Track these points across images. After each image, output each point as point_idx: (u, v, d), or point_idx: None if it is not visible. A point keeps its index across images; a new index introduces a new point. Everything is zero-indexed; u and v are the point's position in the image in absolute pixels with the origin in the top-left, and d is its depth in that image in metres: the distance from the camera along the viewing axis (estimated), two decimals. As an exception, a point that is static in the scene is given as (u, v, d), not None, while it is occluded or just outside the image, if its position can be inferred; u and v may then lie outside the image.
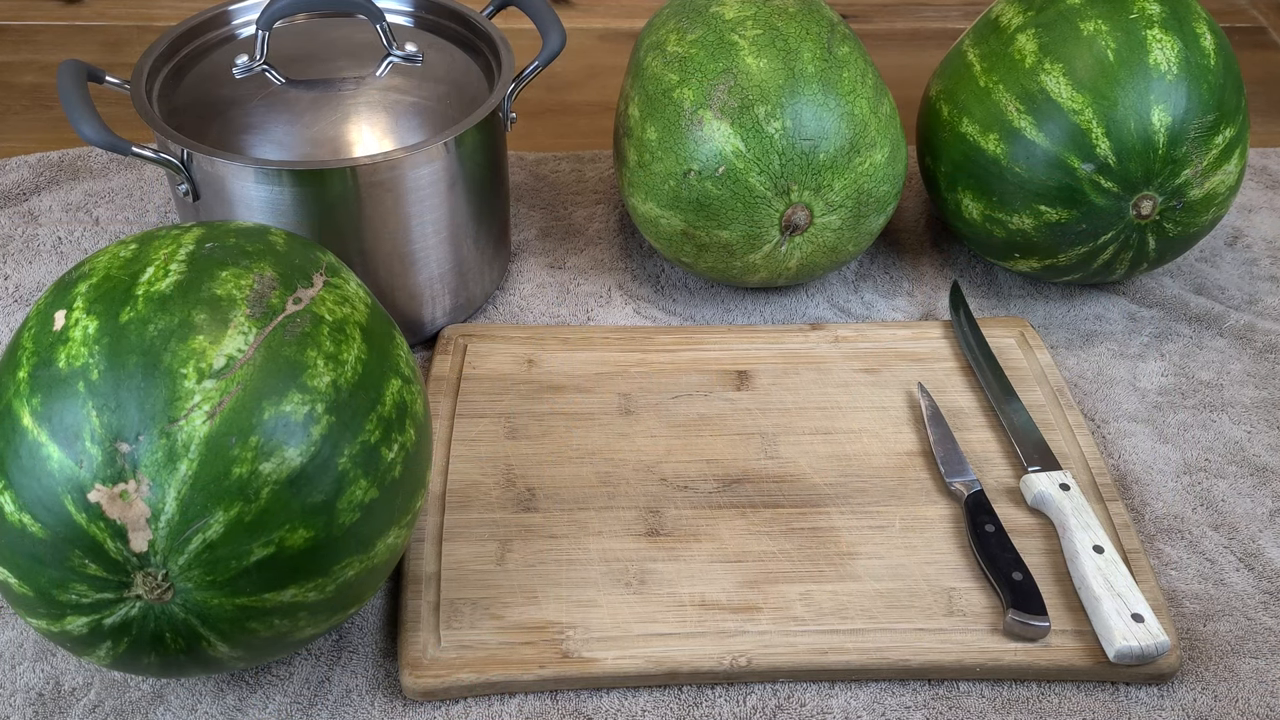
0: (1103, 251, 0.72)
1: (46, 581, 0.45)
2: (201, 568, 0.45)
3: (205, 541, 0.45)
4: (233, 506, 0.45)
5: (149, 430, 0.44)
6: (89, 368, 0.45)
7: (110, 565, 0.44)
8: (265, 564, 0.46)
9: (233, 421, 0.45)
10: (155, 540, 0.44)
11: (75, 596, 0.45)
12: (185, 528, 0.44)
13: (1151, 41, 0.69)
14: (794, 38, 0.71)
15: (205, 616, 0.46)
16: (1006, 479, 0.65)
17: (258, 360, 0.46)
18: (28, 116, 0.95)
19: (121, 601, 0.45)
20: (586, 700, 0.55)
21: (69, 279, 0.50)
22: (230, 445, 0.45)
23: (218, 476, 0.44)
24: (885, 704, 0.55)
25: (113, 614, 0.46)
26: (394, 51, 0.73)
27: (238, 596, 0.46)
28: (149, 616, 0.46)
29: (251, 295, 0.48)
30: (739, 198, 0.70)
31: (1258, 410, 0.71)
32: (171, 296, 0.47)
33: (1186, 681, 0.56)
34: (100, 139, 0.63)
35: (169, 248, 0.50)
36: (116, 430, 0.44)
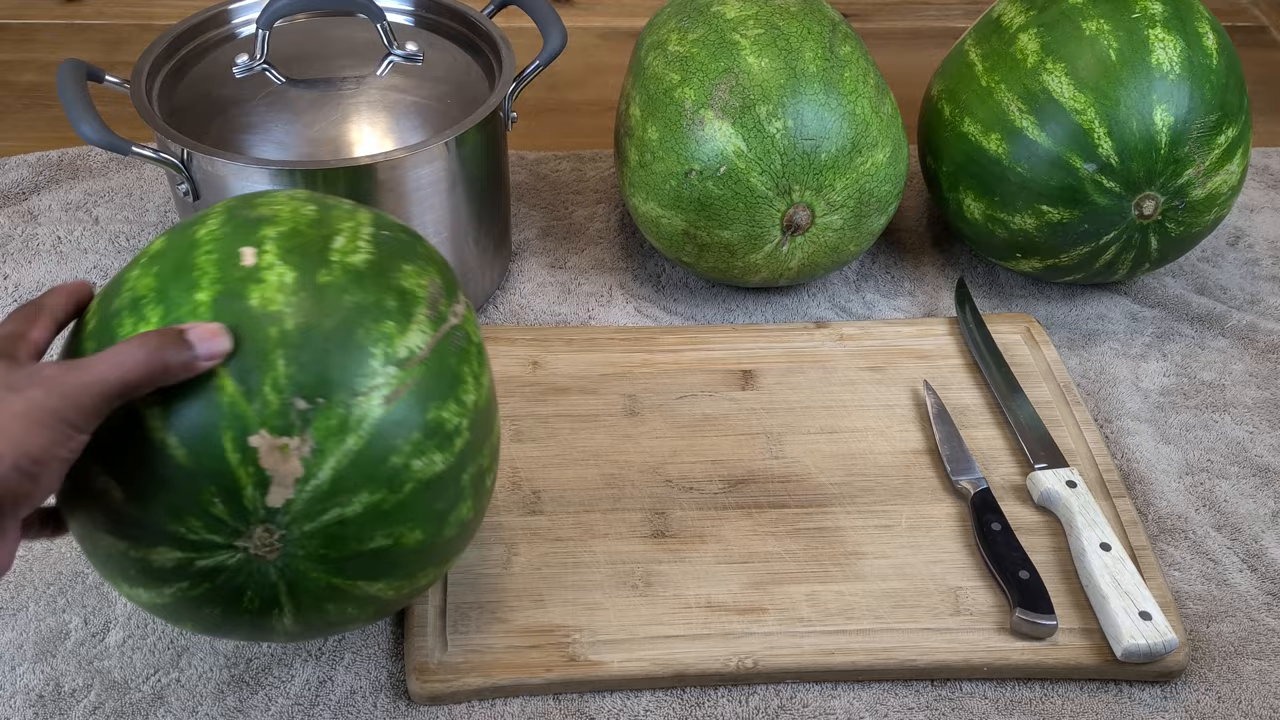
0: (1105, 251, 0.72)
1: (161, 506, 0.44)
2: (323, 540, 0.45)
3: (339, 517, 0.44)
4: (377, 492, 0.45)
5: (331, 396, 0.44)
6: (283, 316, 0.44)
7: (237, 511, 0.44)
8: (377, 554, 0.46)
9: (404, 413, 0.45)
10: (294, 501, 0.44)
11: (184, 530, 0.44)
12: (330, 499, 0.44)
13: (1154, 41, 0.69)
14: (795, 37, 0.71)
15: (295, 585, 0.46)
16: (1013, 476, 0.65)
17: (430, 362, 0.47)
18: (27, 115, 0.94)
19: (226, 549, 0.44)
20: (589, 701, 0.55)
21: (246, 216, 0.49)
22: (396, 434, 0.45)
23: (376, 460, 0.44)
24: (888, 704, 0.55)
25: (210, 558, 0.45)
26: (394, 51, 0.73)
27: (336, 576, 0.46)
28: (243, 570, 0.45)
29: (429, 297, 0.49)
30: (740, 197, 0.70)
31: (1260, 410, 0.71)
32: (365, 274, 0.47)
33: (1190, 683, 0.56)
34: (100, 138, 0.63)
35: (349, 222, 0.50)
36: (299, 385, 0.43)
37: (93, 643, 0.57)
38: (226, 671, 0.56)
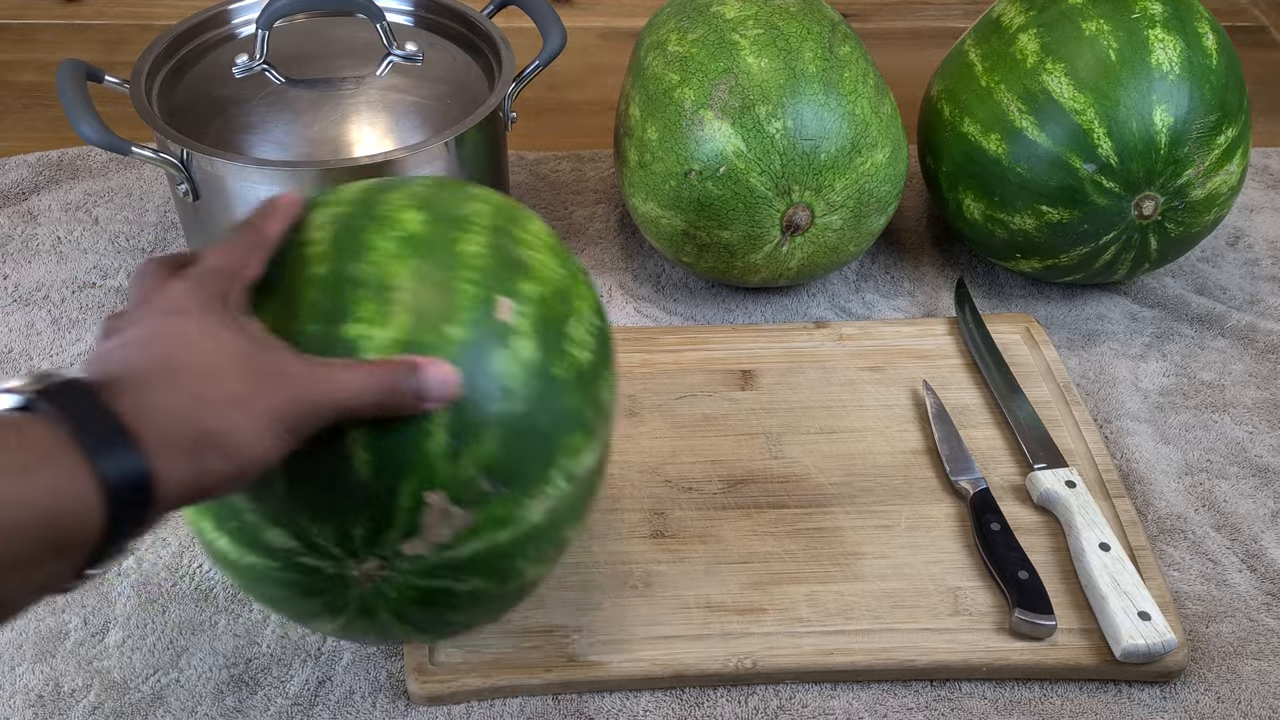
0: (1104, 252, 0.72)
1: (310, 501, 0.43)
2: (417, 596, 0.45)
3: (447, 589, 0.45)
4: (490, 583, 0.46)
5: (512, 488, 0.44)
6: (514, 396, 0.44)
7: (371, 542, 0.43)
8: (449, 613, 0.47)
9: (550, 525, 0.46)
10: (424, 559, 0.44)
11: (314, 531, 0.43)
12: (453, 572, 0.45)
13: (1153, 41, 0.69)
14: (795, 37, 0.71)
15: (365, 609, 0.46)
16: (1012, 476, 0.65)
17: (584, 483, 0.48)
18: (27, 116, 0.94)
19: (336, 561, 0.44)
20: (588, 701, 0.55)
21: (509, 253, 0.47)
22: (537, 542, 0.46)
23: (509, 557, 0.45)
24: (887, 704, 0.55)
25: (316, 560, 0.44)
26: (394, 51, 0.73)
27: (400, 620, 0.47)
28: (334, 581, 0.45)
29: (611, 414, 0.50)
30: (740, 198, 0.70)
31: (1259, 411, 0.71)
32: (584, 377, 0.47)
33: (1189, 683, 0.56)
34: (100, 138, 0.63)
35: (581, 301, 0.49)
36: (494, 467, 0.43)
37: (92, 643, 0.57)
38: (226, 672, 0.56)
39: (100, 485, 0.34)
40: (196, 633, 0.57)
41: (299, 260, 0.45)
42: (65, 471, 0.33)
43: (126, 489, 0.35)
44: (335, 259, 0.44)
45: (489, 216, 0.48)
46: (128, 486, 0.35)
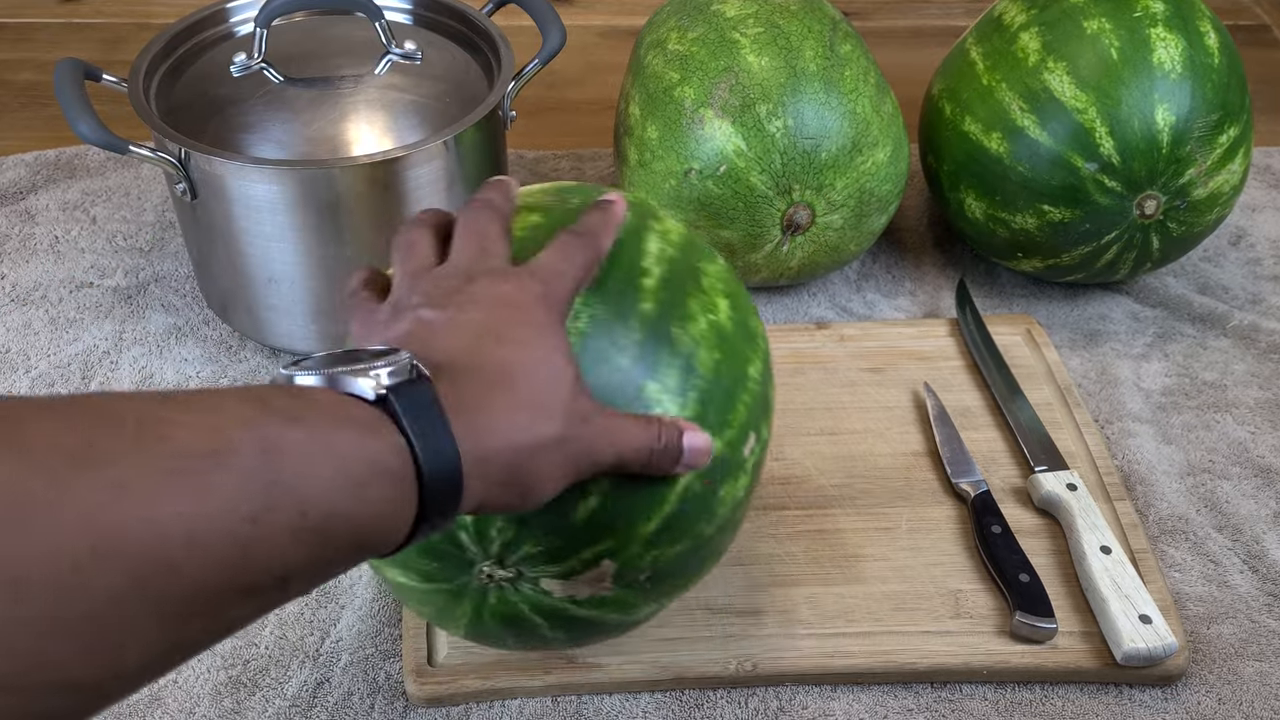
0: (1106, 251, 0.72)
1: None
2: (531, 601, 0.47)
3: (559, 606, 0.47)
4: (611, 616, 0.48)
5: (660, 585, 0.47)
6: (727, 521, 0.48)
7: (530, 563, 0.45)
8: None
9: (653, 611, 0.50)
10: (552, 595, 0.46)
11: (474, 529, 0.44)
12: (575, 607, 0.47)
13: (1155, 40, 0.69)
14: (796, 36, 0.70)
15: (477, 606, 0.47)
16: (1013, 479, 0.65)
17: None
18: (24, 115, 0.94)
19: (476, 560, 0.45)
20: (588, 703, 0.55)
21: (766, 396, 0.49)
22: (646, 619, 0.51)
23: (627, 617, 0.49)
24: (888, 706, 0.55)
25: (457, 559, 0.45)
26: (393, 49, 0.73)
27: (505, 623, 0.48)
28: (463, 571, 0.46)
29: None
30: (740, 197, 0.69)
31: (1262, 411, 0.71)
32: (750, 490, 0.49)
33: (1190, 684, 0.56)
34: (97, 138, 0.63)
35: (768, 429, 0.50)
36: (660, 559, 0.46)
37: (90, 644, 0.57)
38: (224, 673, 0.56)
39: (419, 498, 0.34)
40: (194, 634, 0.57)
41: (630, 285, 0.45)
42: (399, 486, 0.33)
43: (438, 502, 0.35)
44: (661, 308, 0.46)
45: (764, 341, 0.51)
46: (439, 500, 0.35)
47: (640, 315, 0.45)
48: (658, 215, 0.50)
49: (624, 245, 0.46)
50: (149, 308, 0.76)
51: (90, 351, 0.73)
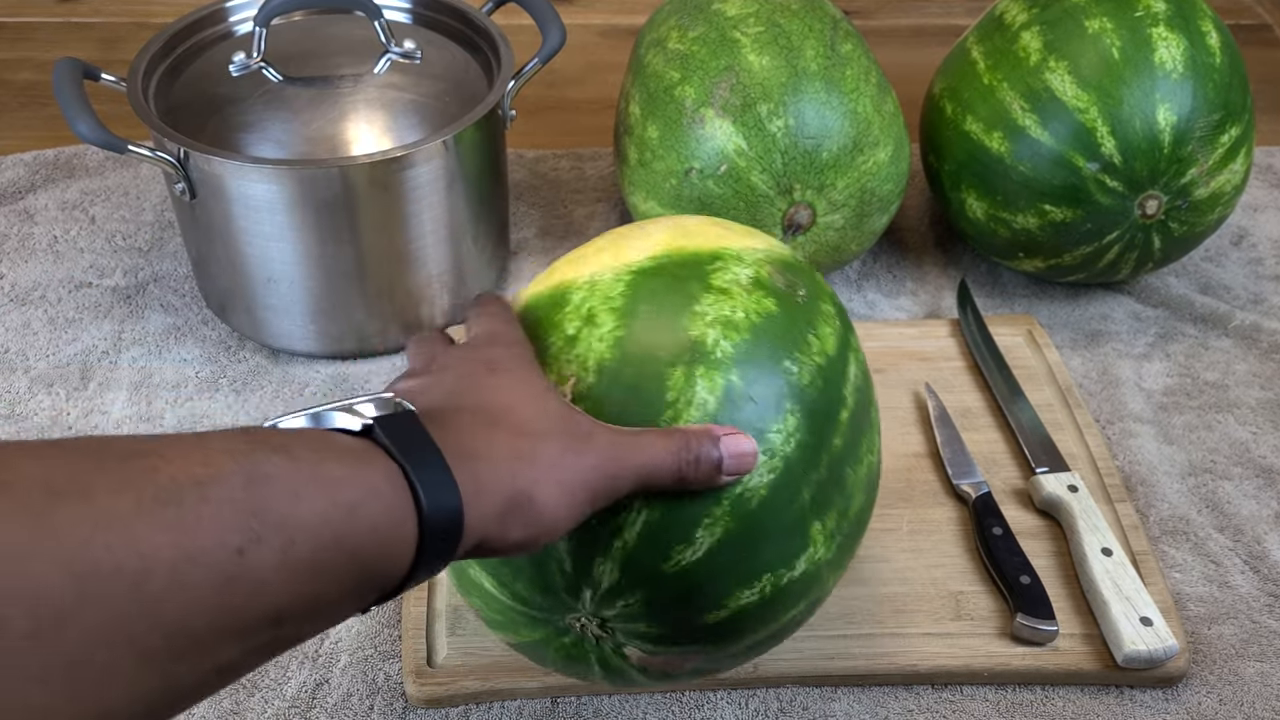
0: (1108, 251, 0.72)
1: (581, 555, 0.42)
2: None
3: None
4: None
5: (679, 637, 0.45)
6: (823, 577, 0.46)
7: (602, 603, 0.43)
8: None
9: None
10: (629, 656, 0.46)
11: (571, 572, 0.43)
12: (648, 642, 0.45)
13: (1157, 39, 0.68)
14: (796, 35, 0.70)
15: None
16: (1014, 480, 0.64)
17: None
18: (23, 114, 0.94)
19: (571, 608, 0.44)
20: (588, 703, 0.54)
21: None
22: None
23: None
24: (888, 707, 0.55)
25: (557, 608, 0.44)
26: (392, 49, 0.72)
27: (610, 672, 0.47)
28: (565, 628, 0.45)
29: None
30: (741, 196, 0.69)
31: (1263, 411, 0.71)
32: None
33: (1191, 685, 0.56)
34: (96, 137, 0.63)
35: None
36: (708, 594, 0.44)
37: (88, 645, 0.56)
38: (223, 675, 0.55)
39: (418, 525, 0.33)
40: (193, 635, 0.57)
41: (831, 418, 0.45)
42: (393, 511, 0.32)
43: (439, 535, 0.33)
44: (846, 447, 0.45)
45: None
46: (440, 533, 0.33)
47: (831, 452, 0.44)
48: (850, 325, 0.49)
49: (835, 366, 0.46)
50: (148, 307, 0.76)
51: (89, 351, 0.73)
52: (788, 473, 0.43)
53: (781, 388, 0.43)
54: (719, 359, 0.43)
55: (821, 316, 0.47)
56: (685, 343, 0.43)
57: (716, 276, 0.46)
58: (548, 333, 0.45)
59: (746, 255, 0.47)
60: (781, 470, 0.43)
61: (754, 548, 0.43)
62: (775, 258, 0.48)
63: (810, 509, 0.43)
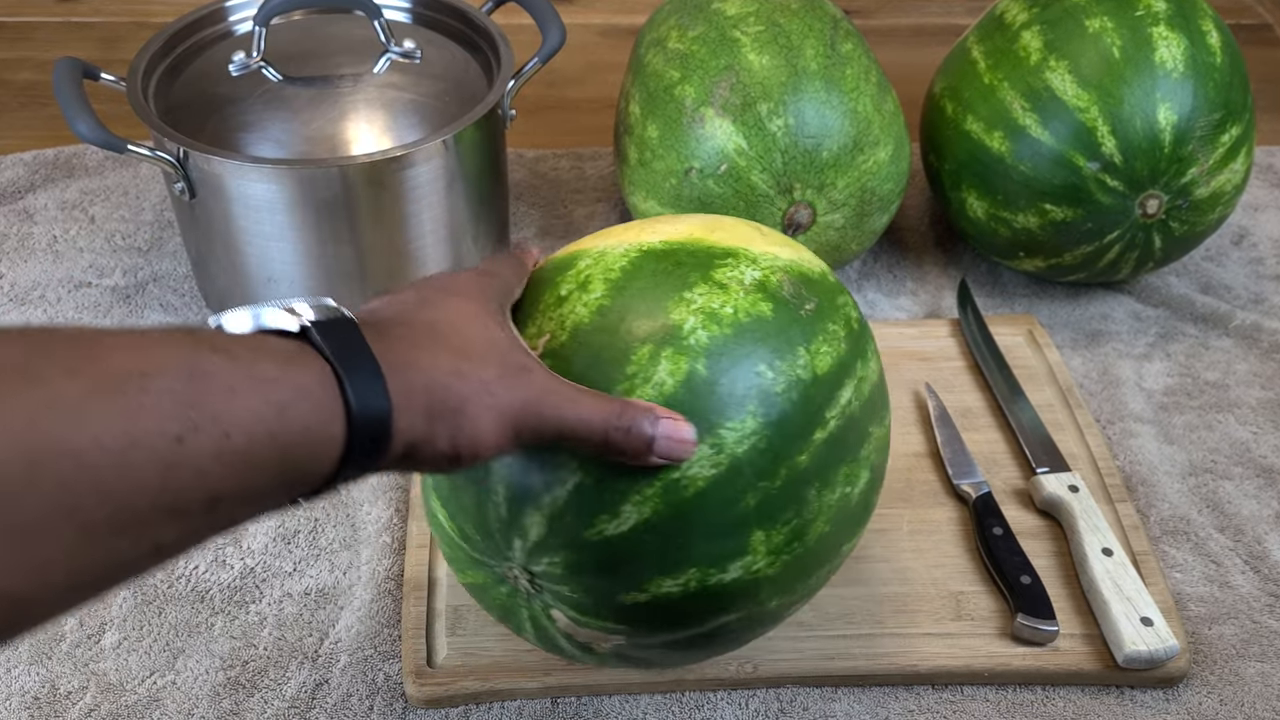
0: (1108, 250, 0.72)
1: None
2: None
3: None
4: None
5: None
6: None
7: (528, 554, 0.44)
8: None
9: None
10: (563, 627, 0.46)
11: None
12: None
13: (1157, 39, 0.68)
14: (796, 34, 0.70)
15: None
16: (1015, 480, 0.64)
17: None
18: (23, 114, 0.94)
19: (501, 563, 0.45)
20: (587, 705, 0.54)
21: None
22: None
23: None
24: (888, 708, 0.55)
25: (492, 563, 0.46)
26: (392, 48, 0.72)
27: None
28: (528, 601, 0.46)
29: None
30: (741, 196, 0.69)
31: (1264, 410, 0.71)
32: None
33: (1192, 685, 0.56)
34: (96, 137, 0.63)
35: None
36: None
37: (88, 644, 0.56)
38: (222, 674, 0.55)
39: (346, 426, 0.34)
40: (193, 635, 0.57)
41: (803, 435, 0.45)
42: (321, 412, 0.33)
43: (366, 437, 0.35)
44: (813, 467, 0.45)
45: (869, 517, 0.51)
46: (367, 435, 0.35)
47: (792, 466, 0.44)
48: (866, 354, 0.49)
49: (822, 386, 0.45)
50: (147, 307, 0.76)
51: (89, 351, 0.73)
52: (733, 472, 0.43)
53: (750, 389, 0.43)
54: (690, 345, 0.43)
55: (824, 335, 0.46)
56: (662, 323, 0.44)
57: (720, 271, 0.46)
58: (545, 290, 0.46)
59: (764, 259, 0.47)
60: (726, 468, 0.42)
61: (683, 537, 0.43)
62: (798, 269, 0.48)
63: (754, 516, 0.43)
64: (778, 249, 0.49)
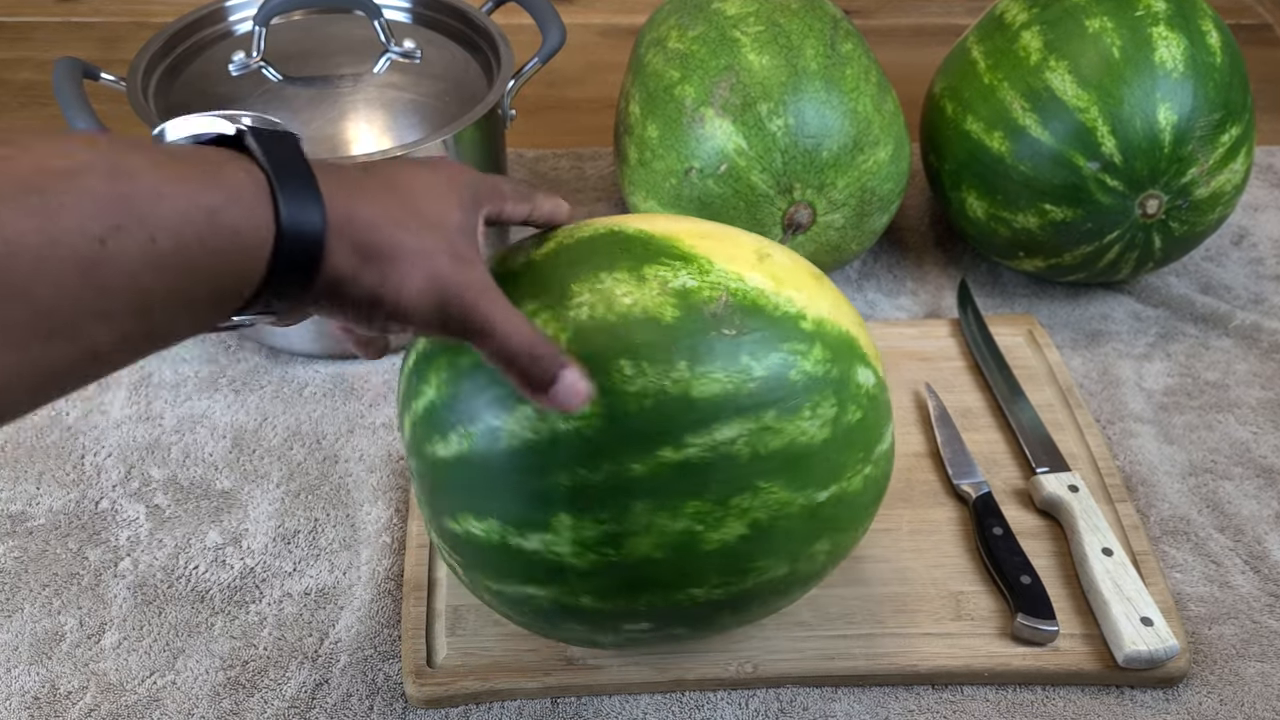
0: (1108, 250, 0.72)
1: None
2: None
3: None
4: None
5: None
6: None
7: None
8: None
9: None
10: None
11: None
12: None
13: (1157, 39, 0.68)
14: (796, 34, 0.70)
15: None
16: (1015, 480, 0.64)
17: None
18: (23, 114, 0.94)
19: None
20: (587, 705, 0.54)
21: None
22: None
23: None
24: (889, 708, 0.55)
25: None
26: (392, 48, 0.72)
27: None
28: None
29: None
30: (741, 196, 0.69)
31: (1264, 410, 0.71)
32: None
33: (1192, 685, 0.56)
34: (95, 136, 0.62)
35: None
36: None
37: (88, 645, 0.56)
38: (222, 674, 0.55)
39: (276, 237, 0.33)
40: (193, 635, 0.57)
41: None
42: (253, 218, 0.33)
43: (297, 248, 0.34)
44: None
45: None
46: (299, 247, 0.34)
47: (619, 470, 0.43)
48: (802, 417, 0.45)
49: (691, 408, 0.43)
50: (148, 307, 0.76)
51: (89, 351, 0.73)
52: (551, 444, 0.43)
53: (601, 377, 0.43)
54: (569, 317, 0.44)
55: (734, 367, 0.43)
56: (560, 290, 0.44)
57: (653, 268, 0.45)
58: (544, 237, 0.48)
59: (714, 272, 0.45)
60: (545, 437, 0.43)
61: (490, 485, 0.44)
62: (747, 295, 0.45)
63: (565, 497, 0.43)
64: (750, 271, 0.46)
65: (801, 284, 0.48)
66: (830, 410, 0.45)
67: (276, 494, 0.64)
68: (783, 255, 0.49)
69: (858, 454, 0.47)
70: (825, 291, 0.49)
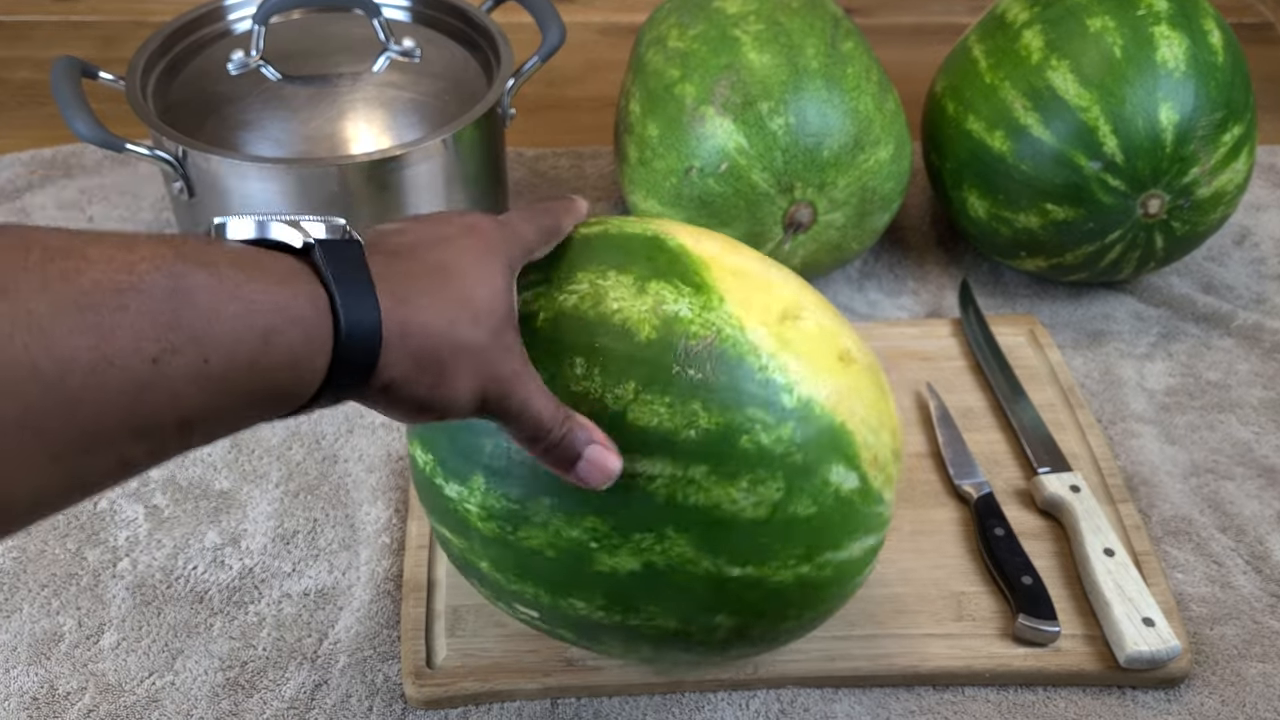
0: (1110, 250, 0.72)
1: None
2: None
3: None
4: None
5: None
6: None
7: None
8: None
9: None
10: None
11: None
12: None
13: (1159, 38, 0.68)
14: (797, 33, 0.70)
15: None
16: (1016, 480, 0.64)
17: None
18: (21, 113, 0.94)
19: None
20: (587, 705, 0.54)
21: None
22: None
23: None
24: (889, 708, 0.55)
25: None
26: (391, 47, 0.72)
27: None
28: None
29: None
30: (741, 195, 0.69)
31: (1266, 410, 0.71)
32: None
33: (1193, 686, 0.56)
34: (94, 136, 0.63)
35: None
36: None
37: (87, 645, 0.56)
38: (221, 675, 0.55)
39: (333, 355, 0.33)
40: (192, 635, 0.57)
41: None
42: (311, 342, 0.33)
43: (352, 364, 0.34)
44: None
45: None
46: (354, 362, 0.34)
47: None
48: (739, 484, 0.43)
49: (614, 424, 0.42)
50: (146, 307, 0.76)
51: (87, 351, 0.73)
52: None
53: (552, 371, 0.43)
54: (556, 298, 0.44)
55: (678, 409, 0.42)
56: (566, 271, 0.45)
57: (660, 284, 0.44)
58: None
59: (717, 311, 0.44)
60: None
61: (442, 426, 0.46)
62: (736, 347, 0.43)
63: (483, 461, 0.44)
64: (754, 318, 0.44)
65: (817, 360, 0.44)
66: (774, 493, 0.43)
67: (275, 494, 0.64)
68: (816, 326, 0.45)
69: (795, 549, 0.44)
70: (850, 379, 0.45)
